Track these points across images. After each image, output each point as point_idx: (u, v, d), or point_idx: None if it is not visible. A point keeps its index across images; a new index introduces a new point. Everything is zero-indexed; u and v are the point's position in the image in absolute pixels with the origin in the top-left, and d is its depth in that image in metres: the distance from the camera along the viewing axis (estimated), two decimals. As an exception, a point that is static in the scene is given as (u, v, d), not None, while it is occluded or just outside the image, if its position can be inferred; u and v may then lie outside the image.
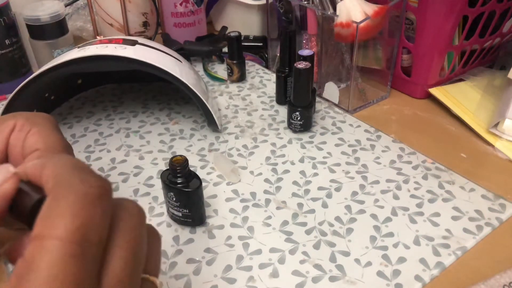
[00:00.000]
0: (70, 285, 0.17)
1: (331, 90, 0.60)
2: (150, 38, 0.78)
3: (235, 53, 0.63)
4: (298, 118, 0.53)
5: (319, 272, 0.37)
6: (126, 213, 0.21)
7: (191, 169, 0.40)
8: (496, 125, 0.53)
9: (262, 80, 0.66)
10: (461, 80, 0.63)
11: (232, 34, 0.62)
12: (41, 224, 0.18)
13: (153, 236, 0.23)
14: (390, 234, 0.40)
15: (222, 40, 0.73)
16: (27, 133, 0.27)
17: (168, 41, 0.72)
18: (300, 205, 0.44)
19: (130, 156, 0.51)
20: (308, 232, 0.41)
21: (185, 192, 0.39)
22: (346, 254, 0.38)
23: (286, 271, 0.37)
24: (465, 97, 0.59)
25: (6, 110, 0.48)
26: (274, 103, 0.61)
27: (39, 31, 0.63)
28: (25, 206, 0.21)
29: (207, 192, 0.45)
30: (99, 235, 0.18)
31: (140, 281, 0.20)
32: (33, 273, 0.17)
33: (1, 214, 0.20)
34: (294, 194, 0.45)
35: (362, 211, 0.43)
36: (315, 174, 0.47)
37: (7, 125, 0.27)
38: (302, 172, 0.48)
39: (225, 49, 0.67)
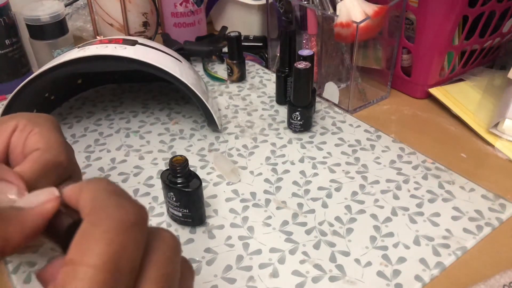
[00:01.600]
0: None
1: (331, 90, 0.60)
2: (150, 38, 0.78)
3: (235, 53, 0.63)
4: (298, 118, 0.53)
5: (319, 272, 0.37)
6: (162, 244, 0.20)
7: (191, 169, 0.40)
8: (496, 125, 0.53)
9: (262, 80, 0.66)
10: (461, 80, 0.63)
11: (232, 34, 0.62)
12: (75, 250, 0.17)
13: (187, 270, 0.22)
14: (390, 234, 0.40)
15: (222, 40, 0.73)
16: (29, 133, 0.27)
17: (168, 41, 0.72)
18: (300, 205, 0.44)
19: (130, 156, 0.51)
20: (308, 232, 0.41)
21: (185, 192, 0.39)
22: (346, 254, 0.38)
23: (286, 271, 0.37)
24: (465, 97, 0.59)
25: (6, 110, 0.48)
26: (274, 103, 0.61)
27: (39, 31, 0.63)
28: (60, 227, 0.21)
29: (207, 192, 0.45)
30: (131, 265, 0.18)
31: None
32: None
33: (38, 230, 0.20)
34: (294, 194, 0.45)
35: (362, 211, 0.43)
36: (315, 174, 0.47)
37: (9, 125, 0.27)
38: (302, 172, 0.48)
39: (225, 49, 0.67)
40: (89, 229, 0.18)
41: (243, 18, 0.78)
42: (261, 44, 0.74)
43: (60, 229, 0.21)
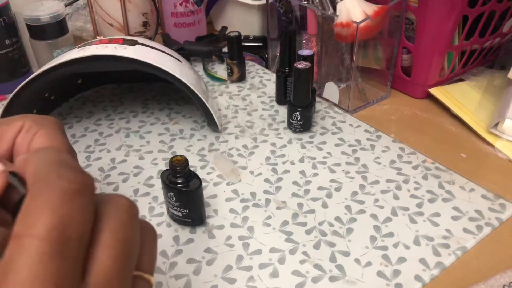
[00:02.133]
0: (50, 285, 0.16)
1: (331, 90, 0.60)
2: (150, 38, 0.78)
3: (235, 53, 0.63)
4: (298, 118, 0.53)
5: (319, 272, 0.37)
6: (114, 209, 0.20)
7: (191, 169, 0.40)
8: (496, 125, 0.53)
9: (262, 80, 0.66)
10: (461, 80, 0.63)
11: (232, 34, 0.62)
12: (19, 223, 0.17)
13: (147, 232, 0.22)
14: (390, 234, 0.40)
15: (222, 40, 0.73)
16: (34, 134, 0.28)
17: (168, 41, 0.72)
18: (300, 205, 0.44)
19: (130, 156, 0.51)
20: (308, 232, 0.41)
21: (185, 192, 0.39)
22: (346, 254, 0.38)
23: (286, 271, 0.37)
24: (465, 97, 0.59)
25: (6, 110, 0.48)
26: (274, 103, 0.61)
27: (39, 31, 0.63)
28: (12, 201, 0.21)
29: (207, 192, 0.45)
30: (79, 232, 0.18)
31: (131, 279, 0.20)
32: (12, 273, 0.16)
33: None
34: (294, 194, 0.45)
35: (362, 211, 0.43)
36: (315, 174, 0.47)
37: (15, 126, 0.28)
38: (302, 172, 0.48)
39: (225, 49, 0.67)
40: (31, 202, 0.18)
41: (243, 18, 0.78)
42: (261, 44, 0.74)
43: (12, 203, 0.21)
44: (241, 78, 0.66)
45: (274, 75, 0.62)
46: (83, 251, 0.18)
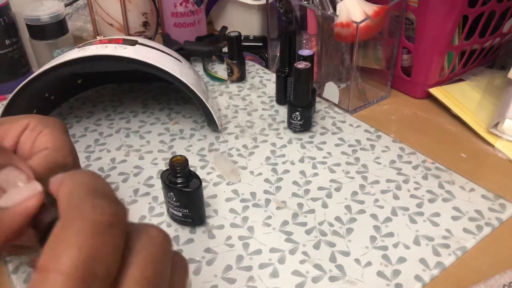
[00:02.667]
0: None
1: (331, 90, 0.60)
2: (150, 38, 0.78)
3: (235, 53, 0.63)
4: (298, 118, 0.53)
5: (319, 272, 0.37)
6: (147, 243, 0.19)
7: (191, 169, 0.40)
8: (496, 125, 0.53)
9: (262, 80, 0.66)
10: (461, 80, 0.63)
11: (232, 34, 0.62)
12: (46, 254, 0.17)
13: (179, 266, 0.21)
14: (390, 234, 0.40)
15: (222, 40, 0.73)
16: (39, 133, 0.28)
17: (168, 41, 0.72)
18: (300, 205, 0.44)
19: (130, 156, 0.51)
20: (308, 232, 0.41)
21: (185, 192, 0.39)
22: (346, 254, 0.38)
23: (286, 271, 0.37)
24: (465, 97, 0.59)
25: (6, 110, 0.48)
26: (274, 103, 0.61)
27: (39, 31, 0.63)
28: (43, 222, 0.20)
29: (207, 192, 0.45)
30: (107, 269, 0.17)
31: None
32: None
33: (20, 229, 0.20)
34: (294, 194, 0.45)
35: (362, 211, 0.43)
36: (315, 174, 0.47)
37: (20, 124, 0.28)
38: (302, 172, 0.48)
39: (225, 49, 0.67)
40: (60, 232, 0.17)
41: (243, 18, 0.78)
42: (261, 44, 0.74)
43: (42, 225, 0.20)
44: (241, 78, 0.66)
45: (274, 75, 0.62)
46: (109, 287, 0.17)
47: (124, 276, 0.18)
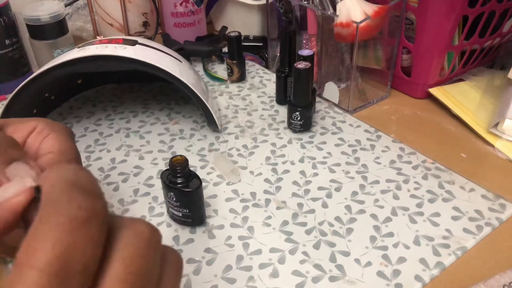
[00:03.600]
0: None
1: (331, 90, 0.60)
2: (150, 38, 0.78)
3: (235, 53, 0.63)
4: (298, 118, 0.53)
5: (319, 272, 0.37)
6: (132, 236, 0.19)
7: (191, 169, 0.40)
8: (496, 125, 0.53)
9: (262, 80, 0.66)
10: (461, 80, 0.63)
11: (232, 34, 0.62)
12: (22, 250, 0.17)
13: (170, 261, 0.21)
14: (390, 234, 0.40)
15: (222, 40, 0.73)
16: (45, 137, 0.28)
17: (168, 41, 0.72)
18: (300, 205, 0.44)
19: (130, 156, 0.51)
20: (308, 232, 0.41)
21: (185, 192, 0.39)
22: (346, 254, 0.38)
23: (286, 271, 0.37)
24: (465, 97, 0.59)
25: (6, 110, 0.48)
26: (274, 103, 0.61)
27: (39, 31, 0.63)
28: (33, 218, 0.19)
29: (207, 192, 0.45)
30: (83, 265, 0.17)
31: None
32: None
33: (9, 225, 0.19)
34: (294, 194, 0.45)
35: (362, 211, 0.43)
36: (315, 174, 0.47)
37: (28, 126, 0.28)
38: (302, 172, 0.48)
39: (225, 49, 0.67)
40: (37, 226, 0.17)
41: (243, 18, 0.78)
42: (261, 44, 0.74)
43: (32, 221, 0.19)
44: (241, 78, 0.66)
45: (274, 75, 0.62)
46: (88, 283, 0.17)
47: (107, 272, 0.18)
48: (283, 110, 0.59)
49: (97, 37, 0.79)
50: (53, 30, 0.64)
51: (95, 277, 0.18)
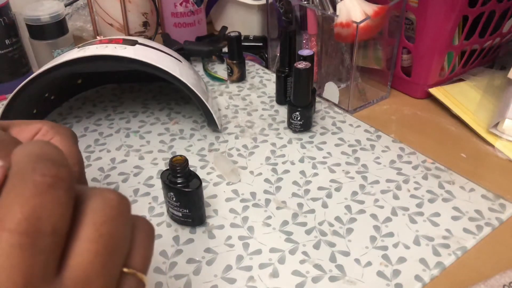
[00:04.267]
0: (17, 277, 0.16)
1: (331, 90, 0.60)
2: (150, 38, 0.78)
3: (235, 53, 0.63)
4: (298, 118, 0.53)
5: (319, 272, 0.37)
6: (101, 203, 0.20)
7: (191, 169, 0.40)
8: (496, 125, 0.53)
9: (262, 80, 0.66)
10: (461, 80, 0.63)
11: (232, 34, 0.62)
12: None
13: (141, 228, 0.22)
14: (390, 234, 0.40)
15: (222, 40, 0.73)
16: (49, 139, 0.28)
17: (168, 41, 0.72)
18: (300, 205, 0.44)
19: (130, 156, 0.51)
20: (308, 232, 0.41)
21: (185, 192, 0.39)
22: (346, 254, 0.38)
23: (286, 271, 0.37)
24: (465, 97, 0.59)
25: (6, 110, 0.48)
26: (274, 103, 0.61)
27: (39, 31, 0.63)
28: None
29: (207, 192, 0.45)
30: (52, 225, 0.18)
31: (116, 276, 0.20)
32: None
33: None
34: (294, 194, 0.45)
35: (362, 211, 0.43)
36: (315, 174, 0.47)
37: (33, 128, 0.28)
38: (302, 172, 0.48)
39: (225, 49, 0.67)
40: (4, 195, 0.18)
41: (243, 18, 0.78)
42: (261, 44, 0.74)
43: None
44: (241, 78, 0.66)
45: (274, 75, 0.62)
46: (59, 245, 0.18)
47: (77, 235, 0.19)
48: (283, 110, 0.59)
49: (97, 37, 0.79)
50: (53, 30, 0.64)
51: (66, 241, 0.19)
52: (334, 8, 0.56)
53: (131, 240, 0.21)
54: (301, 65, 0.50)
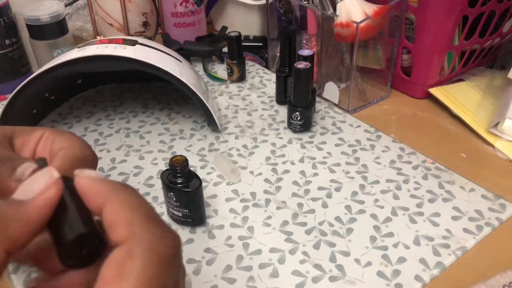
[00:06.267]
0: None
1: (331, 90, 0.60)
2: (150, 38, 0.78)
3: (235, 53, 0.63)
4: (298, 118, 0.53)
5: (319, 272, 0.37)
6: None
7: (191, 169, 0.40)
8: (496, 125, 0.53)
9: (262, 80, 0.66)
10: (461, 80, 0.63)
11: (232, 34, 0.62)
12: (110, 281, 0.17)
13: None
14: (390, 234, 0.40)
15: (222, 40, 0.73)
16: (53, 141, 0.28)
17: (168, 41, 0.72)
18: (300, 205, 0.44)
19: (130, 156, 0.51)
20: (308, 232, 0.41)
21: (185, 192, 0.39)
22: (346, 254, 0.38)
23: (286, 271, 0.37)
24: (465, 97, 0.59)
25: (6, 110, 0.48)
26: (274, 103, 0.61)
27: (39, 31, 0.63)
28: (65, 223, 0.18)
29: (207, 192, 0.45)
30: None
31: None
32: None
33: (44, 220, 0.19)
34: (294, 194, 0.45)
35: (362, 211, 0.43)
36: (315, 174, 0.47)
37: (36, 134, 0.28)
38: (302, 172, 0.48)
39: (225, 49, 0.67)
40: (127, 262, 0.17)
41: (243, 18, 0.78)
42: (261, 44, 0.74)
43: (67, 228, 0.18)
44: (241, 78, 0.66)
45: (274, 75, 0.62)
46: None
47: None
48: (283, 110, 0.59)
49: (97, 37, 0.79)
50: (53, 30, 0.64)
51: None
52: (334, 8, 0.56)
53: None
54: (301, 65, 0.50)
